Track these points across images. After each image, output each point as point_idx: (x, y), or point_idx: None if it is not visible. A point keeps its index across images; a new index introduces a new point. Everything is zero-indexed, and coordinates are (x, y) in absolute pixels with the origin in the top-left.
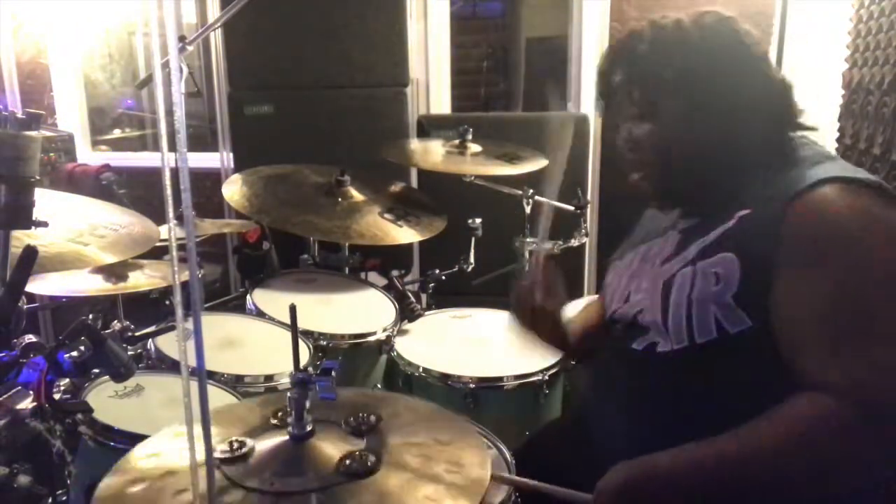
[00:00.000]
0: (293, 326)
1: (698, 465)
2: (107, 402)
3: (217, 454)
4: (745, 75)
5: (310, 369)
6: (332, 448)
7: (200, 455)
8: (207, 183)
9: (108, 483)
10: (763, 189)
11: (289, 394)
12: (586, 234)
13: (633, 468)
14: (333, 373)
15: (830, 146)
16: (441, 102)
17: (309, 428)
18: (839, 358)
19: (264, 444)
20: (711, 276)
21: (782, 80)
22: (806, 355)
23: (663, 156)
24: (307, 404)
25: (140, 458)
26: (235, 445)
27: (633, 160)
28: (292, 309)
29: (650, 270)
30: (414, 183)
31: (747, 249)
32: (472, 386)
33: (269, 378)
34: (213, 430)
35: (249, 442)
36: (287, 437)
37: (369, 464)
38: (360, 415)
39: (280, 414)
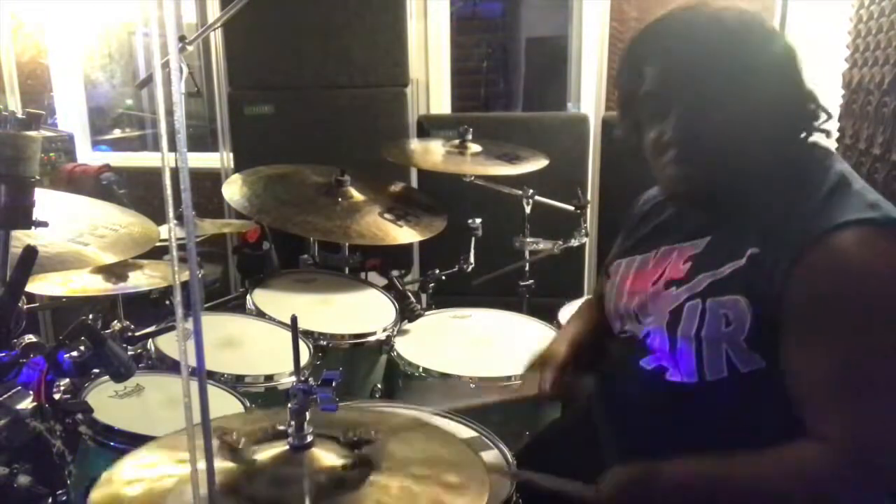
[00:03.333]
0: (294, 337)
1: (699, 481)
2: (107, 402)
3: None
4: (769, 77)
5: (310, 379)
6: (329, 460)
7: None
8: (207, 183)
9: (100, 492)
10: (776, 217)
11: (289, 404)
12: (586, 234)
13: (636, 471)
14: (334, 384)
15: (830, 146)
16: (441, 102)
17: (309, 439)
18: (842, 415)
19: (263, 454)
20: (722, 317)
21: (810, 88)
22: (812, 409)
23: (691, 156)
24: (307, 415)
25: (135, 465)
26: (233, 453)
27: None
28: (293, 320)
29: (652, 291)
30: (414, 183)
31: (757, 294)
32: (472, 386)
33: (269, 378)
34: (213, 442)
35: (247, 449)
36: (286, 448)
37: (366, 476)
38: (359, 427)
39: (279, 426)
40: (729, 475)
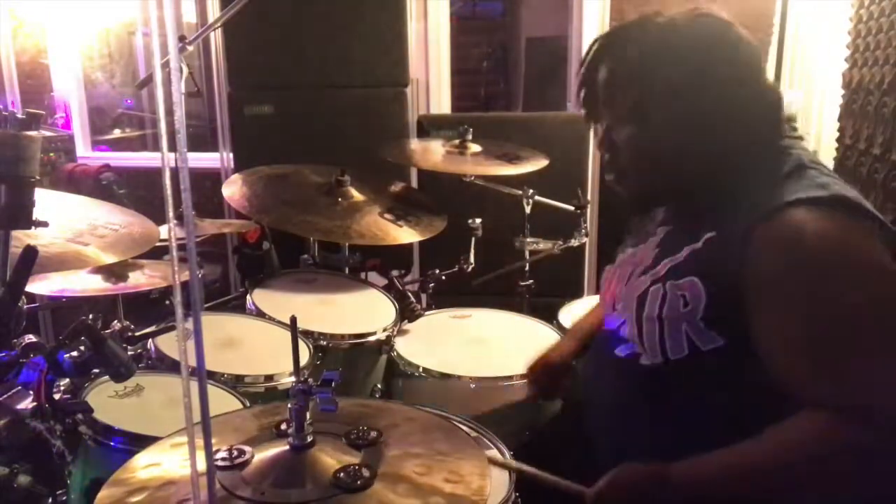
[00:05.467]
0: (293, 338)
1: (706, 478)
2: (107, 402)
3: (216, 462)
4: (737, 87)
5: (310, 381)
6: (330, 460)
7: (200, 456)
8: (207, 183)
9: (107, 493)
10: (732, 206)
11: (289, 405)
12: (586, 234)
13: (640, 471)
14: (333, 384)
15: (830, 146)
16: (441, 102)
17: (309, 439)
18: (833, 378)
19: (263, 454)
20: (679, 298)
21: (773, 90)
22: (796, 380)
23: (642, 162)
24: (307, 416)
25: (139, 467)
26: (235, 454)
27: (610, 161)
28: (293, 321)
29: (628, 281)
30: (414, 183)
31: (712, 275)
32: (472, 386)
33: (269, 378)
34: (213, 439)
35: (248, 450)
36: (287, 448)
37: (367, 476)
38: (360, 427)
39: (281, 426)
40: (732, 465)
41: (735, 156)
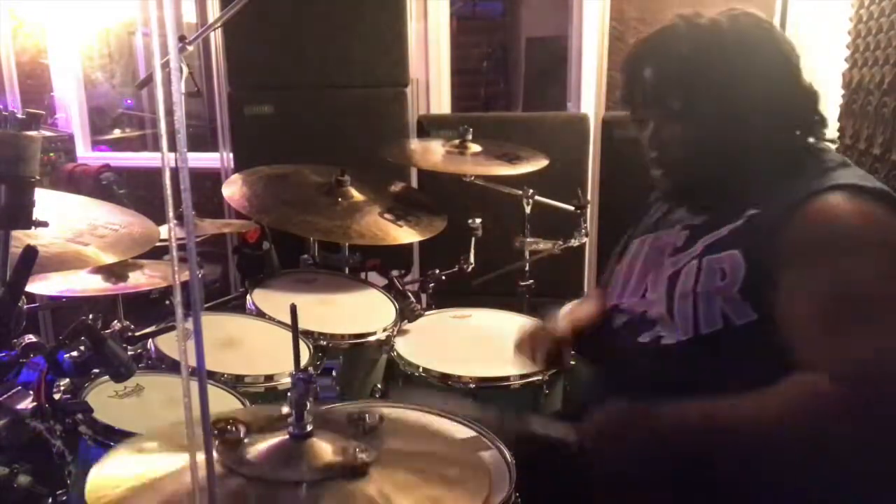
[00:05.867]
0: (294, 325)
1: (695, 422)
2: (107, 402)
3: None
4: (779, 84)
5: (310, 369)
6: (329, 447)
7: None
8: (207, 183)
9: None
10: (775, 192)
11: (289, 393)
12: (586, 234)
13: (629, 409)
14: (334, 373)
15: (830, 146)
16: (441, 102)
17: (309, 428)
18: (834, 345)
19: (263, 442)
20: (717, 271)
21: (811, 88)
22: (804, 344)
23: (691, 156)
24: (307, 404)
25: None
26: (233, 431)
27: (656, 158)
28: (293, 308)
29: (663, 264)
30: (414, 183)
31: (752, 247)
32: (472, 386)
33: (269, 378)
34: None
35: (247, 433)
36: (286, 436)
37: (364, 463)
38: (361, 419)
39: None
40: (726, 414)
41: (772, 151)
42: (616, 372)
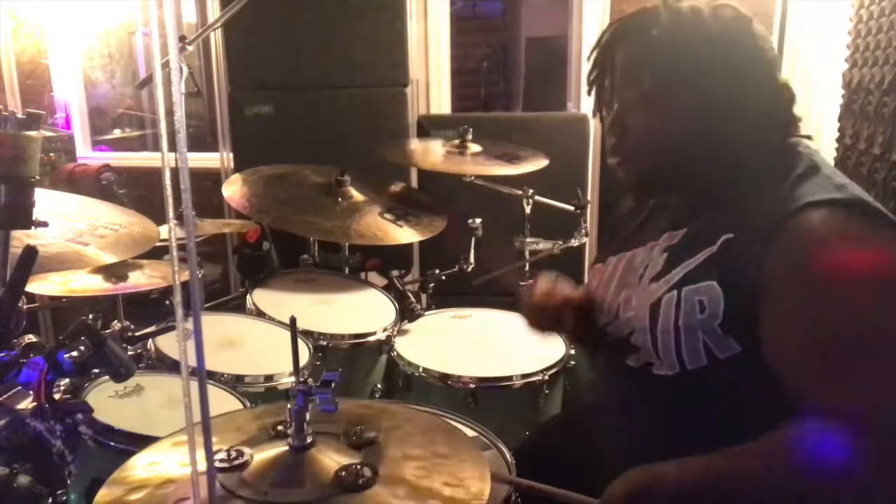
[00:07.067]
0: (293, 338)
1: (703, 479)
2: (107, 402)
3: (215, 463)
4: (753, 79)
5: (310, 381)
6: (330, 460)
7: (200, 457)
8: (207, 183)
9: (106, 491)
10: (747, 206)
11: (289, 405)
12: (586, 234)
13: (639, 476)
14: (333, 385)
15: (830, 146)
16: (441, 102)
17: (309, 440)
18: (843, 385)
19: (263, 455)
20: (696, 303)
21: (787, 87)
22: (806, 386)
23: (650, 145)
24: (307, 416)
25: (139, 466)
26: (234, 455)
27: (617, 144)
28: (292, 321)
29: (637, 286)
30: (414, 183)
31: (730, 279)
32: (472, 386)
33: (269, 378)
34: (213, 438)
35: (248, 451)
36: (286, 448)
37: (367, 477)
38: (360, 427)
39: (280, 426)
40: (731, 470)
41: (743, 149)
42: (606, 390)
